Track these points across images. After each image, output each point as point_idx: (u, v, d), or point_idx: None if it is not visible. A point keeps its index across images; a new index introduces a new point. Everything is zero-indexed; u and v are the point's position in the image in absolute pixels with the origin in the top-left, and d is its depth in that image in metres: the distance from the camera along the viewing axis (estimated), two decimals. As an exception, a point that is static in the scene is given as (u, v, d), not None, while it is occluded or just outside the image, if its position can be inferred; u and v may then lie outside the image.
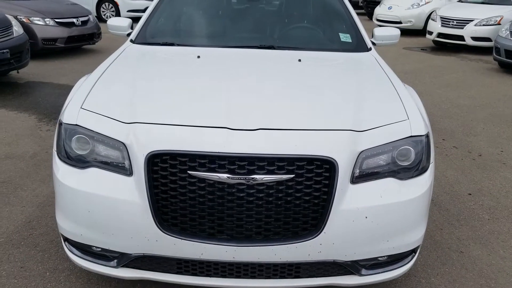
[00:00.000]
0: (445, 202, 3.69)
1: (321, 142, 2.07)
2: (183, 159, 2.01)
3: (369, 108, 2.36)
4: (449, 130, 5.49)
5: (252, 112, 2.19)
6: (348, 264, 2.17)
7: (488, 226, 3.36)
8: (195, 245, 2.07)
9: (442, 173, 4.24)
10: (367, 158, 2.15)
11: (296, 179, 2.02)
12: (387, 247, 2.19)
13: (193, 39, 3.47)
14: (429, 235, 3.18)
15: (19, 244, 2.91)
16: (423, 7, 13.87)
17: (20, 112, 5.56)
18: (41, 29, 8.47)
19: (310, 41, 3.54)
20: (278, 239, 2.08)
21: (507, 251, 3.05)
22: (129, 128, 2.12)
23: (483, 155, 4.72)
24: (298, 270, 2.17)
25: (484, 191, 3.93)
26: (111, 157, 2.15)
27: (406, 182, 2.20)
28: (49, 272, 2.66)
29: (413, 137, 2.24)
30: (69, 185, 2.16)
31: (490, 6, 11.36)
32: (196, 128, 2.08)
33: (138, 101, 2.31)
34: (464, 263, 2.90)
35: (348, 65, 3.11)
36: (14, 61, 6.35)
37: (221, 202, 2.03)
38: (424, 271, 2.80)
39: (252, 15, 3.78)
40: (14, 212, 3.28)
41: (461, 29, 10.93)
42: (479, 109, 6.41)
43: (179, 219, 2.07)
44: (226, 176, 1.98)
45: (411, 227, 2.22)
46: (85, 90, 2.47)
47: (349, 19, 3.66)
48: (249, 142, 2.02)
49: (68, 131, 2.24)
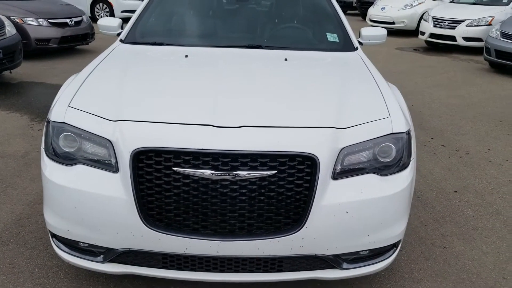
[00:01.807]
0: (430, 199, 3.75)
1: (302, 139, 2.12)
2: (168, 155, 2.05)
3: (351, 106, 2.41)
4: (438, 129, 5.56)
5: (236, 109, 2.24)
6: (330, 258, 2.22)
7: (472, 223, 3.42)
8: (180, 240, 2.11)
9: (429, 171, 4.30)
10: (348, 154, 2.20)
11: (278, 175, 2.07)
12: (368, 242, 2.24)
13: (182, 39, 3.51)
14: (413, 231, 3.24)
15: (8, 241, 2.95)
16: (416, 8, 13.98)
17: (13, 112, 5.59)
18: (34, 29, 8.49)
19: (298, 40, 3.60)
20: (261, 233, 2.13)
21: (489, 247, 3.11)
22: (115, 126, 2.16)
23: (470, 153, 4.79)
24: (281, 264, 2.22)
25: (470, 188, 3.99)
26: (98, 154, 2.19)
27: (387, 178, 2.25)
28: (37, 269, 2.70)
29: (394, 134, 2.30)
30: (56, 181, 2.20)
31: (481, 7, 11.47)
32: (181, 126, 2.13)
33: (125, 99, 2.35)
34: (447, 258, 2.96)
35: (333, 64, 3.16)
36: (6, 61, 6.37)
37: (205, 198, 2.07)
38: (407, 266, 2.86)
39: (241, 15, 3.83)
40: (4, 210, 3.31)
41: (453, 29, 11.03)
42: (468, 109, 6.49)
43: (164, 215, 2.11)
44: (210, 173, 2.03)
45: (391, 222, 2.28)
46: (73, 89, 2.51)
47: (336, 19, 3.72)
48: (232, 139, 2.07)
49: (55, 128, 2.28)
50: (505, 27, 8.85)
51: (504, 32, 8.72)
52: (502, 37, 8.70)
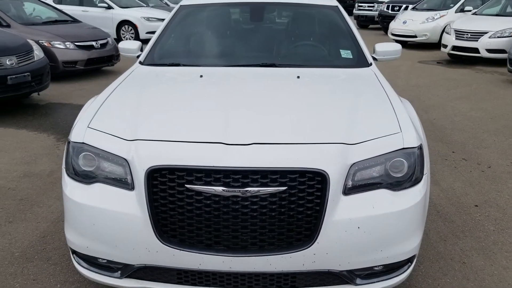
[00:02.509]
0: (450, 214, 3.70)
1: (312, 155, 2.15)
2: (181, 173, 2.12)
3: (362, 121, 2.44)
4: (459, 142, 5.49)
5: (247, 127, 2.30)
6: (343, 274, 2.23)
7: (492, 237, 3.36)
8: (193, 255, 2.16)
9: (450, 185, 4.26)
10: (359, 170, 2.22)
11: (289, 191, 2.10)
12: (381, 257, 2.24)
13: (197, 59, 3.62)
14: (432, 246, 3.20)
15: (32, 258, 3.06)
16: (438, 21, 13.87)
17: (40, 132, 5.79)
18: (61, 52, 8.79)
19: (311, 58, 3.66)
20: (273, 249, 2.16)
21: (510, 262, 3.06)
22: (131, 145, 2.25)
23: (492, 167, 4.71)
24: (294, 280, 2.24)
25: (491, 202, 3.93)
26: (115, 173, 2.27)
27: (399, 193, 2.26)
28: (60, 284, 2.78)
29: (405, 149, 2.31)
30: (76, 199, 2.30)
31: (504, 18, 11.32)
32: (193, 144, 2.20)
33: (140, 119, 2.44)
34: (466, 274, 2.92)
35: (345, 80, 3.20)
36: (35, 83, 6.62)
37: (217, 214, 2.12)
38: (425, 282, 2.83)
39: (255, 35, 3.92)
40: (30, 228, 3.44)
41: (476, 41, 10.90)
42: (491, 121, 6.39)
43: (178, 231, 2.17)
44: (221, 189, 2.08)
45: (405, 237, 2.28)
46: (93, 110, 2.61)
47: (350, 36, 3.76)
48: (243, 156, 2.12)
49: (75, 148, 2.38)
50: (529, 37, 8.71)
51: (528, 43, 8.58)
52: (526, 48, 8.56)
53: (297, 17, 4.06)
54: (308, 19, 4.03)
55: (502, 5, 12.22)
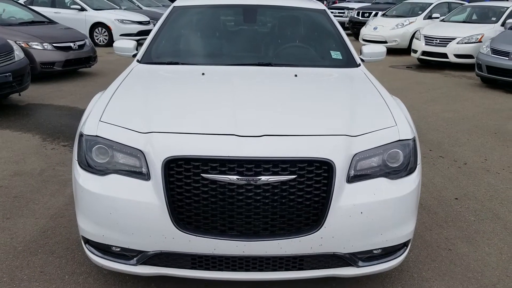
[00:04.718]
0: (433, 206, 3.94)
1: (320, 146, 2.32)
2: (197, 163, 2.24)
3: (361, 116, 2.62)
4: (435, 141, 5.78)
5: (255, 120, 2.44)
6: (347, 256, 2.40)
7: (474, 227, 3.61)
8: (208, 241, 2.29)
9: (430, 180, 4.50)
10: (360, 160, 2.40)
11: (298, 179, 2.26)
12: (381, 240, 2.42)
13: (196, 58, 3.75)
14: (419, 236, 3.42)
15: (36, 251, 3.10)
16: (407, 27, 14.36)
17: (24, 132, 5.75)
18: (39, 53, 8.70)
19: (304, 58, 3.84)
20: (283, 234, 2.31)
21: (492, 248, 3.30)
22: (146, 137, 2.35)
23: (468, 164, 5.00)
24: (302, 263, 2.39)
25: (470, 195, 4.19)
26: (128, 164, 2.37)
27: (396, 181, 2.45)
28: (68, 276, 2.84)
29: (401, 141, 2.50)
30: (91, 189, 2.38)
31: (471, 25, 11.86)
32: (208, 136, 2.32)
33: (152, 113, 2.55)
34: (453, 259, 3.14)
35: (340, 79, 3.39)
36: (16, 84, 6.56)
37: (231, 202, 2.25)
38: (416, 267, 3.03)
39: (250, 36, 4.08)
40: (29, 224, 3.47)
41: (444, 47, 11.37)
42: (464, 122, 6.73)
43: (194, 218, 2.29)
44: (235, 178, 2.22)
45: (402, 221, 2.47)
46: (102, 105, 2.70)
47: (338, 38, 3.97)
48: (255, 147, 2.27)
49: (89, 141, 2.46)
50: (495, 43, 9.18)
51: (494, 49, 9.05)
52: (493, 53, 9.02)
53: (288, 19, 4.24)
54: (299, 21, 4.21)
55: (468, 13, 12.81)
